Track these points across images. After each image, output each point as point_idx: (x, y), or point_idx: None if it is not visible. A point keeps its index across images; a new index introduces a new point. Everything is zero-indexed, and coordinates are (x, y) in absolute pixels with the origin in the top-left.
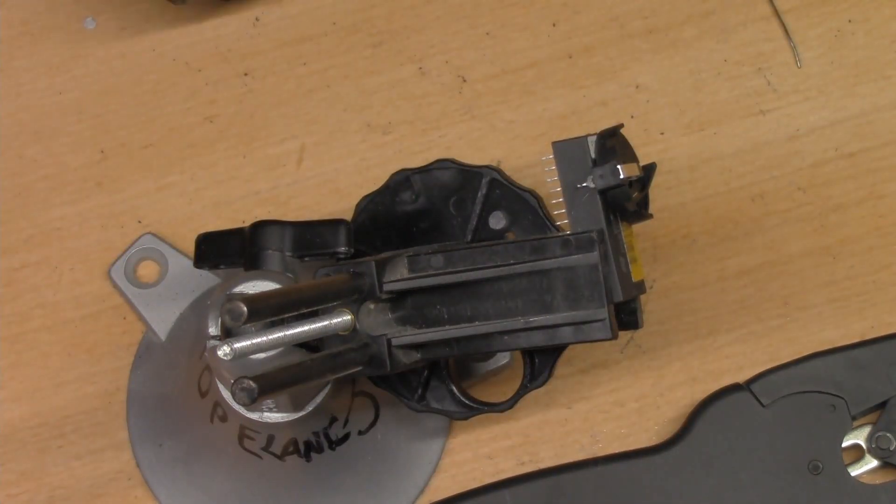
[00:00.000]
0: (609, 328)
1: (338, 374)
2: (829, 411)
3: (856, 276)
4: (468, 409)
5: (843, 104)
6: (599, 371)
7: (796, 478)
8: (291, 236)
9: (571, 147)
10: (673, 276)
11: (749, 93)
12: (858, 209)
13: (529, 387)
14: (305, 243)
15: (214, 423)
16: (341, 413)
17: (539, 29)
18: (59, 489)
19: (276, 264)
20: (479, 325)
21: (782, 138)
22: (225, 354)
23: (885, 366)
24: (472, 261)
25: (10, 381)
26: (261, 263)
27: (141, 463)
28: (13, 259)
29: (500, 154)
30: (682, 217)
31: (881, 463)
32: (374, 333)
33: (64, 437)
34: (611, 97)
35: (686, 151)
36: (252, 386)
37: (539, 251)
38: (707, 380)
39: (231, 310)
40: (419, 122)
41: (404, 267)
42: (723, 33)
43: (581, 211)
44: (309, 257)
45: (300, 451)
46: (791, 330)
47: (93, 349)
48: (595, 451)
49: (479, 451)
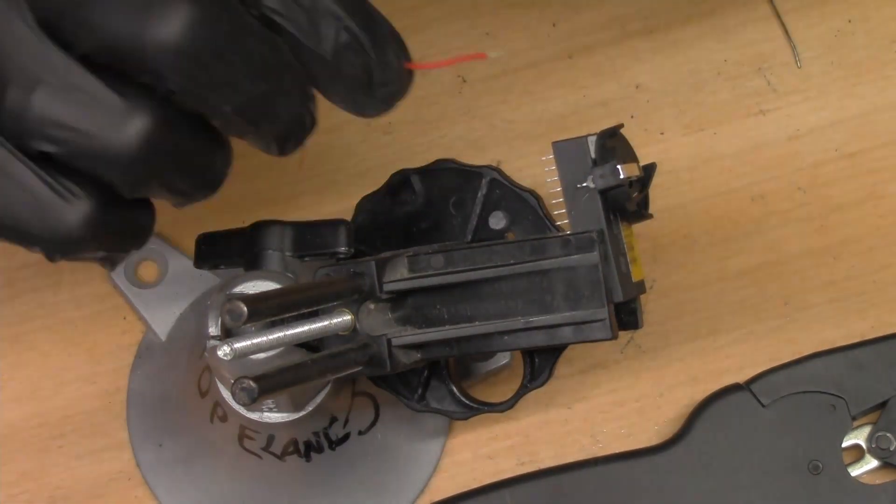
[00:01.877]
0: (609, 328)
1: (338, 374)
2: (829, 411)
3: (856, 276)
4: (468, 409)
5: (843, 104)
6: (599, 371)
7: (796, 478)
8: (291, 236)
9: (571, 147)
10: (673, 276)
11: (749, 93)
12: (858, 209)
13: (529, 387)
14: (305, 243)
15: (214, 423)
16: (341, 413)
17: (539, 29)
18: (59, 489)
19: (276, 264)
20: (479, 325)
21: (782, 138)
22: (225, 354)
23: (885, 366)
24: (472, 261)
25: (9, 381)
26: (261, 263)
27: (141, 463)
28: (13, 259)
29: (500, 154)
30: (682, 217)
31: (881, 463)
32: (374, 333)
33: (64, 437)
34: (611, 97)
35: (686, 151)
36: (252, 386)
37: (539, 251)
38: (707, 380)
39: (231, 310)
40: (419, 122)
41: (404, 267)
42: (723, 33)
43: (581, 211)
44: (309, 257)
45: (300, 451)
46: (791, 330)
47: (93, 349)
48: (595, 451)
49: (479, 451)
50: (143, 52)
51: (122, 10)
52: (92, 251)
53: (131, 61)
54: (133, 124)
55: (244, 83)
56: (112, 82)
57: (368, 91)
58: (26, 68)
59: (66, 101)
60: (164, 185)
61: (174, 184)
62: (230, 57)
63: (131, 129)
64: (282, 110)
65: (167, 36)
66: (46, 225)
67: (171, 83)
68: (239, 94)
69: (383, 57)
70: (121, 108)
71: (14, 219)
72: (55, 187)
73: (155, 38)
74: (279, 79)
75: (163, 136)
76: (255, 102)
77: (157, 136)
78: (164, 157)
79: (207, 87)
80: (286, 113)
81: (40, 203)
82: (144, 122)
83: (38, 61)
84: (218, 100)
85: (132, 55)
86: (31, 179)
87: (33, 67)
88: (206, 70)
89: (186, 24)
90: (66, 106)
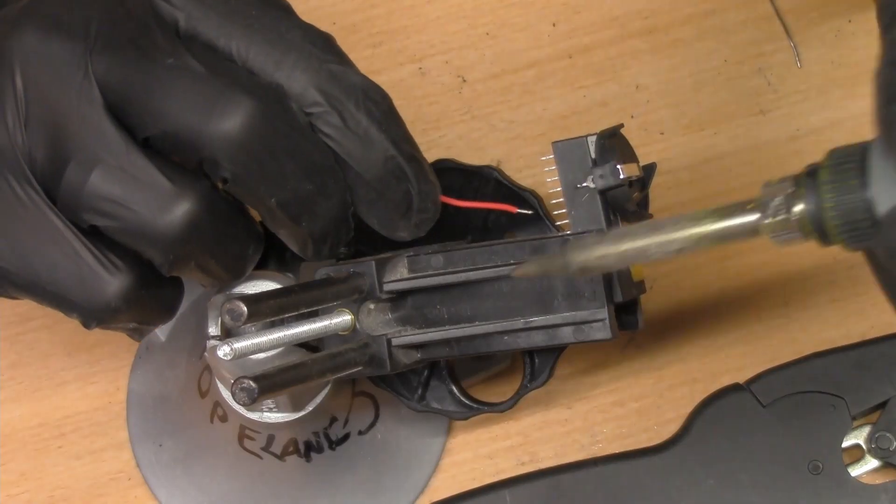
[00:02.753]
0: (609, 328)
1: (338, 374)
2: (829, 411)
3: (856, 276)
4: (468, 409)
5: (843, 104)
6: (599, 371)
7: (796, 478)
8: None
9: (571, 147)
10: (673, 276)
11: (749, 93)
12: None
13: (529, 387)
14: None
15: (214, 423)
16: (341, 413)
17: (539, 29)
18: (59, 489)
19: (276, 264)
20: (479, 325)
21: (782, 138)
22: (225, 354)
23: (885, 366)
24: (472, 261)
25: (9, 381)
26: (261, 263)
27: (141, 463)
28: None
29: (500, 154)
30: None
31: (881, 463)
32: (374, 333)
33: (64, 437)
34: (611, 97)
35: (686, 151)
36: (252, 386)
37: (539, 251)
38: (707, 380)
39: (231, 310)
40: (419, 122)
41: (404, 267)
42: (723, 33)
43: (581, 211)
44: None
45: (300, 451)
46: (791, 330)
47: (93, 349)
48: (595, 451)
49: (479, 451)
50: (204, 141)
51: (190, 102)
52: (125, 322)
53: (190, 148)
54: (180, 207)
55: (291, 179)
56: (164, 167)
57: (406, 216)
58: (88, 148)
59: (121, 181)
60: (200, 266)
61: (209, 266)
62: (282, 154)
63: (178, 211)
64: (322, 211)
65: (229, 128)
66: (87, 294)
67: (226, 171)
68: (285, 189)
69: (424, 187)
70: (170, 192)
71: (57, 285)
72: (100, 259)
73: (218, 129)
74: (323, 181)
75: (205, 222)
76: (299, 199)
77: (200, 220)
78: (204, 241)
79: (258, 178)
80: (326, 214)
81: (83, 273)
82: (190, 207)
83: (100, 142)
84: (266, 191)
85: (192, 143)
86: (79, 250)
87: (94, 147)
88: (260, 163)
89: (248, 120)
90: (119, 185)
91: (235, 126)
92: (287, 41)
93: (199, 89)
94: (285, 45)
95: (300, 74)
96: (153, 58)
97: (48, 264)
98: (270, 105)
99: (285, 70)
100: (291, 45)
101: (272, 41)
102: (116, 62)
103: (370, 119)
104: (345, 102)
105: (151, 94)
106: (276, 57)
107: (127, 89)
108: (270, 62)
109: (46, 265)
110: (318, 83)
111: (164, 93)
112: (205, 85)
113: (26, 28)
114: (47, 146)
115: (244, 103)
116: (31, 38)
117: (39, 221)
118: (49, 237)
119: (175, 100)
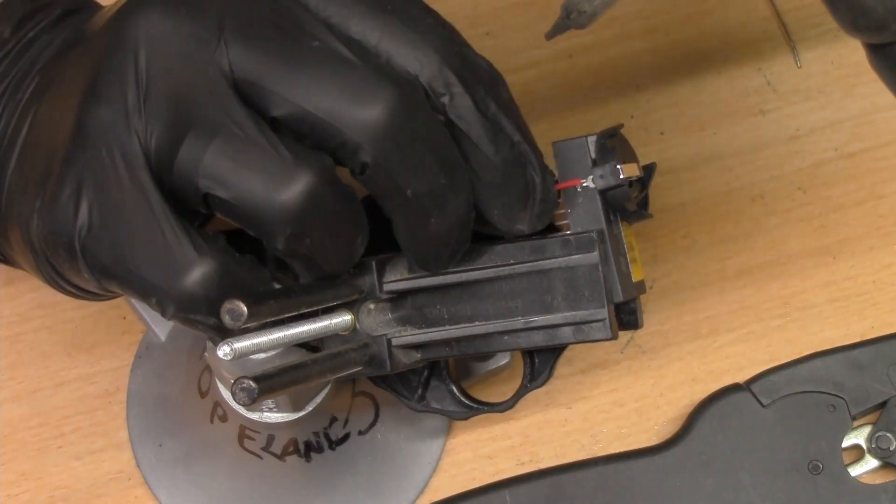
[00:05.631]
0: (609, 328)
1: (338, 374)
2: (829, 411)
3: (856, 276)
4: (468, 409)
5: (843, 104)
6: (599, 371)
7: (796, 478)
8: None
9: (571, 147)
10: (673, 276)
11: (749, 93)
12: (858, 209)
13: (529, 387)
14: None
15: (214, 423)
16: (341, 413)
17: (539, 29)
18: (59, 489)
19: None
20: (479, 325)
21: (782, 138)
22: (225, 354)
23: (885, 366)
24: (473, 261)
25: (9, 381)
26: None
27: (141, 463)
28: None
29: None
30: (682, 217)
31: (881, 463)
32: (374, 333)
33: (64, 437)
34: (611, 97)
35: (686, 151)
36: (252, 386)
37: (539, 251)
38: (707, 380)
39: (231, 310)
40: None
41: (404, 267)
42: (723, 33)
43: (581, 211)
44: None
45: (300, 451)
46: (791, 330)
47: (93, 349)
48: (595, 451)
49: (479, 451)
50: (348, 125)
51: (337, 86)
52: (204, 314)
53: (328, 131)
54: (303, 178)
55: (428, 171)
56: (287, 142)
57: (526, 205)
58: (210, 116)
59: (244, 149)
60: (315, 244)
61: (323, 248)
62: (421, 145)
63: (300, 182)
64: (451, 207)
65: (376, 114)
66: (166, 276)
67: (367, 156)
68: (422, 180)
69: (546, 175)
70: (293, 163)
71: (138, 266)
72: (190, 240)
73: (364, 114)
74: (454, 176)
75: (325, 198)
76: (433, 192)
77: (321, 194)
78: (323, 217)
79: (399, 166)
80: (454, 211)
81: (167, 254)
82: (313, 179)
83: (224, 112)
84: (405, 180)
85: (332, 126)
86: (167, 231)
87: (218, 116)
88: (402, 151)
89: (394, 106)
90: (242, 154)
91: (383, 112)
92: (423, 24)
93: (345, 73)
94: (423, 28)
95: (437, 57)
96: (297, 39)
97: (136, 245)
98: (413, 94)
99: (422, 51)
100: (428, 28)
101: (407, 23)
102: (252, 41)
103: (498, 104)
104: (476, 87)
105: (292, 75)
106: (413, 37)
107: (261, 68)
108: (406, 43)
109: (134, 245)
110: (455, 65)
111: (306, 74)
112: (351, 70)
113: (154, 5)
114: (167, 121)
115: (391, 90)
116: (157, 16)
117: (139, 206)
118: (143, 220)
119: (319, 82)
